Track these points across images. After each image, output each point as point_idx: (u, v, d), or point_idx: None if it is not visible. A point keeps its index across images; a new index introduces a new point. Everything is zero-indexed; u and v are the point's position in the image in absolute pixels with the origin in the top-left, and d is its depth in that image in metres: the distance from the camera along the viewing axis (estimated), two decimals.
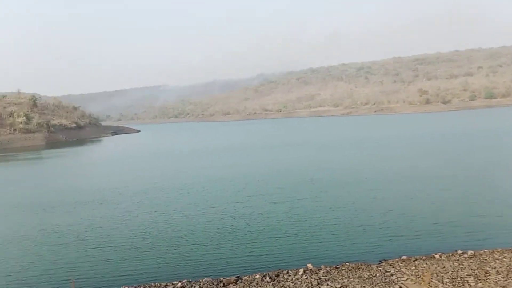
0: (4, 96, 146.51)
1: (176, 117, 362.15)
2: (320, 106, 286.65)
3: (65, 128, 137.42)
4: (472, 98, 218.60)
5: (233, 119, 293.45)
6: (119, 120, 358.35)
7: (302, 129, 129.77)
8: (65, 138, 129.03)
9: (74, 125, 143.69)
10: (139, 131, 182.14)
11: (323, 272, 17.65)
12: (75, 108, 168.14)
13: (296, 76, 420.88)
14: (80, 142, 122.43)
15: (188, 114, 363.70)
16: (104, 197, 36.64)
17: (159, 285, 17.44)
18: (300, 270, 17.99)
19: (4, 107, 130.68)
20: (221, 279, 17.64)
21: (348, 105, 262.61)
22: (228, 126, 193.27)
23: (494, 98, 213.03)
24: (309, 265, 18.45)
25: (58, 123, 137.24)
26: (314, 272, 17.70)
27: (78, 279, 18.49)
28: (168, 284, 17.48)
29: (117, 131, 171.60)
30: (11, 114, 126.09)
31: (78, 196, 37.59)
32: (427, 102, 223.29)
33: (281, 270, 18.27)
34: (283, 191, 35.03)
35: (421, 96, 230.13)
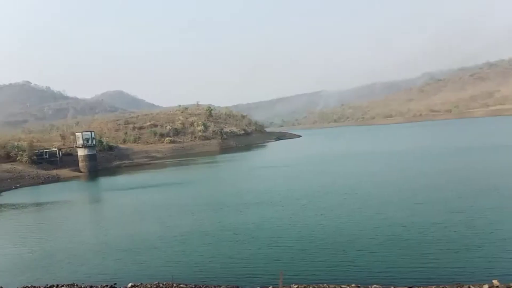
0: (186, 108, 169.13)
1: (335, 121, 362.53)
2: (501, 104, 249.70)
3: (235, 134, 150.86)
4: None
5: (395, 122, 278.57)
6: (281, 126, 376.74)
7: (485, 131, 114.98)
8: (235, 144, 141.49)
9: (242, 132, 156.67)
10: (300, 136, 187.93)
11: None
12: (243, 117, 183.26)
13: (470, 72, 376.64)
14: (248, 147, 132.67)
15: (347, 118, 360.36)
16: (272, 199, 38.61)
17: (327, 286, 17.37)
18: (484, 286, 15.75)
19: (187, 118, 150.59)
20: (392, 287, 16.71)
21: None
22: (391, 129, 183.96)
23: None
24: (495, 282, 16.02)
25: (229, 130, 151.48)
26: None
27: (249, 275, 19.76)
28: (337, 286, 17.28)
29: (280, 136, 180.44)
30: (192, 124, 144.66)
31: (248, 197, 40.50)
32: None
33: (461, 284, 16.37)
34: (460, 200, 31.45)
35: None
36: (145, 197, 47.76)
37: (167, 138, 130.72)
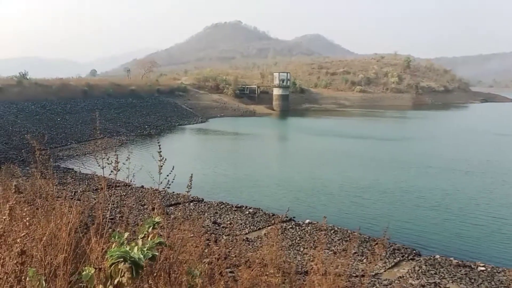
0: (382, 57, 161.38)
1: None
2: None
3: (432, 90, 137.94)
4: None
5: None
6: (491, 86, 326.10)
7: None
8: (431, 101, 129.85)
9: (442, 88, 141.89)
10: None
11: None
12: (446, 71, 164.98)
13: None
14: (445, 106, 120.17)
15: None
16: (470, 167, 34.65)
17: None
18: None
19: (381, 67, 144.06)
20: None
21: None
22: None
23: None
24: None
25: (427, 85, 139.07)
26: None
27: (419, 244, 18.78)
28: None
29: (487, 98, 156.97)
30: (386, 74, 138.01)
31: (440, 161, 37.30)
32: None
33: None
34: None
35: None
36: (327, 143, 49.12)
37: (358, 87, 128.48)
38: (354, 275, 14.83)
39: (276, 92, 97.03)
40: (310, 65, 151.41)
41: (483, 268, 15.89)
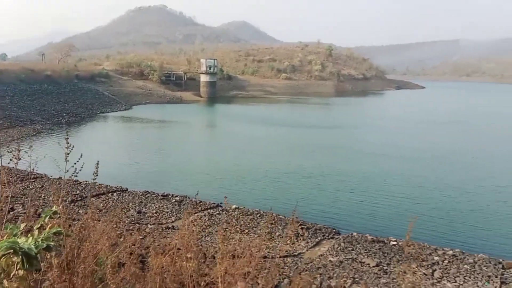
0: (306, 45, 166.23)
1: (468, 75, 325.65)
2: None
3: (352, 78, 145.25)
4: None
5: None
6: (404, 74, 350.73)
7: None
8: (351, 88, 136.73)
9: (361, 76, 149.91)
10: (424, 87, 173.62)
11: None
12: (364, 60, 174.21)
13: None
14: (364, 93, 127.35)
15: (484, 73, 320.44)
16: (386, 151, 37.23)
17: (428, 246, 16.86)
18: None
19: (305, 55, 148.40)
20: (500, 260, 15.61)
21: None
22: None
23: None
24: None
25: (348, 73, 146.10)
26: None
27: (339, 223, 19.96)
28: (438, 248, 16.67)
29: (401, 85, 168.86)
30: (310, 62, 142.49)
31: (359, 146, 39.59)
32: None
33: None
34: None
35: None
36: (255, 129, 49.84)
37: (283, 74, 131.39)
38: (278, 256, 15.37)
39: (204, 78, 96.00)
40: (237, 52, 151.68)
41: (394, 243, 17.28)
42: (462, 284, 13.88)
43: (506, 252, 16.93)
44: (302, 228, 18.50)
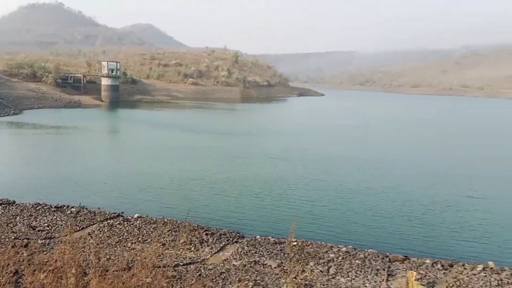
0: (213, 51, 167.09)
1: (361, 84, 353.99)
2: None
3: (258, 85, 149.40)
4: None
5: (423, 93, 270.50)
6: (306, 82, 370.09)
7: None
8: (257, 94, 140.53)
9: (266, 83, 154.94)
10: (323, 95, 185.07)
11: (507, 274, 15.26)
12: (268, 67, 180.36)
13: (509, 50, 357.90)
14: (269, 99, 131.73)
15: (374, 82, 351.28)
16: (288, 156, 38.79)
17: (325, 244, 17.93)
18: (478, 266, 16.01)
19: (212, 61, 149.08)
20: (387, 254, 17.18)
21: None
22: (419, 100, 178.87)
23: None
24: (490, 263, 16.20)
25: (253, 79, 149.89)
26: (495, 272, 15.47)
27: (243, 227, 20.42)
28: (334, 246, 17.83)
29: (302, 93, 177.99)
30: (216, 68, 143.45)
31: (261, 152, 40.79)
32: None
33: (456, 261, 16.66)
34: (475, 183, 31.19)
35: None
36: (160, 136, 48.71)
37: (190, 79, 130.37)
38: (182, 264, 15.23)
39: (105, 82, 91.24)
40: (142, 56, 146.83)
41: (295, 243, 18.08)
42: (354, 278, 15.05)
43: (393, 247, 18.71)
44: (206, 234, 18.54)
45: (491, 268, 15.91)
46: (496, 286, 14.50)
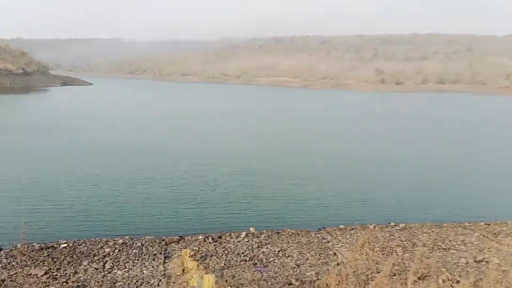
0: None
1: (131, 73, 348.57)
2: (280, 76, 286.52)
3: (10, 73, 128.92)
4: (424, 81, 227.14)
5: (191, 81, 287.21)
6: (70, 70, 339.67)
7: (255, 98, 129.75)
8: (10, 84, 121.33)
9: (20, 71, 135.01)
10: (91, 84, 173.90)
11: (265, 236, 18.37)
12: (23, 54, 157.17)
13: (259, 43, 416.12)
14: (26, 89, 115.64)
15: (144, 71, 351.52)
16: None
17: (99, 240, 17.42)
18: (242, 233, 18.61)
19: None
20: (164, 237, 17.91)
21: (307, 78, 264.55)
22: (186, 88, 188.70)
23: (443, 84, 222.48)
24: (252, 229, 19.10)
25: (4, 67, 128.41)
26: (256, 236, 18.39)
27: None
28: (109, 239, 17.50)
29: (67, 81, 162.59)
30: None
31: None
32: (382, 81, 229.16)
33: (224, 232, 18.81)
34: (229, 162, 35.53)
35: (377, 75, 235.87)
36: None
37: None
38: None
39: None
40: None
41: (65, 245, 16.90)
42: (131, 268, 14.95)
43: (170, 230, 19.49)
44: None
45: (252, 233, 18.77)
46: (257, 248, 17.09)
